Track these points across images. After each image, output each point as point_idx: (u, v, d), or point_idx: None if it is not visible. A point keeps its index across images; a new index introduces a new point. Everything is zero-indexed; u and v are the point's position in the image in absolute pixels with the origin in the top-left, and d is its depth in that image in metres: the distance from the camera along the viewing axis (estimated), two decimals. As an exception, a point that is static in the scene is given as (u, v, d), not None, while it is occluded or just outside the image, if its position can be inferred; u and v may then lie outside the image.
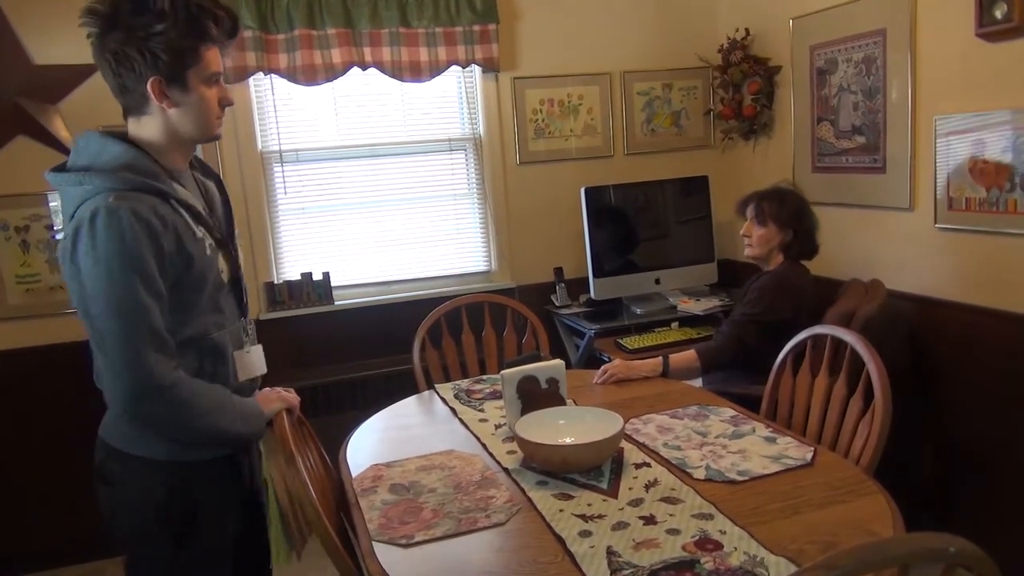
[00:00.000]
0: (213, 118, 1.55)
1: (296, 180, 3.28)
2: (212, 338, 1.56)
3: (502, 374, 2.05)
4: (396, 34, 3.16)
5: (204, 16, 1.48)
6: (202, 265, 1.52)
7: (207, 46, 1.50)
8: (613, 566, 1.38)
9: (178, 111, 1.51)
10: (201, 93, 1.51)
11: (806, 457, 1.77)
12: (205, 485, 1.58)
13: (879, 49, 2.74)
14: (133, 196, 1.42)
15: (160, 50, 1.44)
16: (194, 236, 1.52)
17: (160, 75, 1.46)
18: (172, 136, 1.54)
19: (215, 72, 1.53)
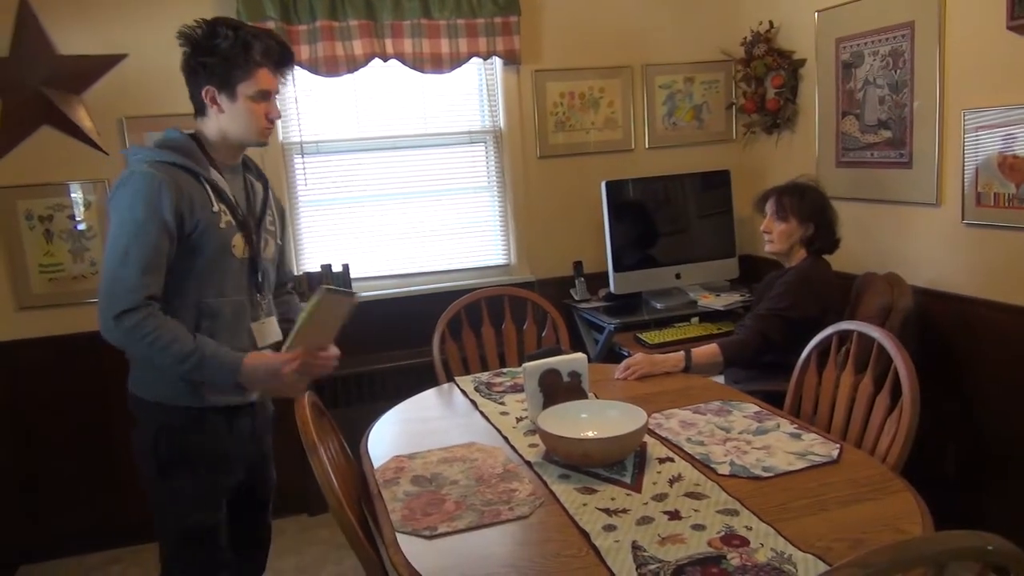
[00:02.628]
0: (257, 127, 1.86)
1: (316, 172, 3.29)
2: (208, 302, 1.81)
3: (524, 367, 2.05)
4: (418, 26, 3.15)
5: (256, 42, 1.80)
6: (210, 232, 1.78)
7: (257, 66, 1.81)
8: (639, 561, 1.37)
9: (226, 116, 1.84)
10: (246, 105, 1.82)
11: (832, 454, 1.75)
12: (195, 429, 1.83)
13: (907, 42, 2.71)
14: (163, 167, 1.75)
15: (215, 64, 1.79)
16: (211, 209, 1.79)
17: (213, 85, 1.81)
18: (222, 136, 1.86)
19: (262, 90, 1.83)
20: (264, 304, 1.94)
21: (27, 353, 2.99)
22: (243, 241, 1.87)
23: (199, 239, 1.77)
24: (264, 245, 1.94)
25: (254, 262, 1.90)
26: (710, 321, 3.20)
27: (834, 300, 2.47)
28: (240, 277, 1.88)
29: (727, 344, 2.42)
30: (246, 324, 1.89)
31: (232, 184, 1.90)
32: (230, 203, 1.85)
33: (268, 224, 1.98)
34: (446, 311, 2.82)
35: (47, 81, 2.91)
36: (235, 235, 1.85)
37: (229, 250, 1.83)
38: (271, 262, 1.99)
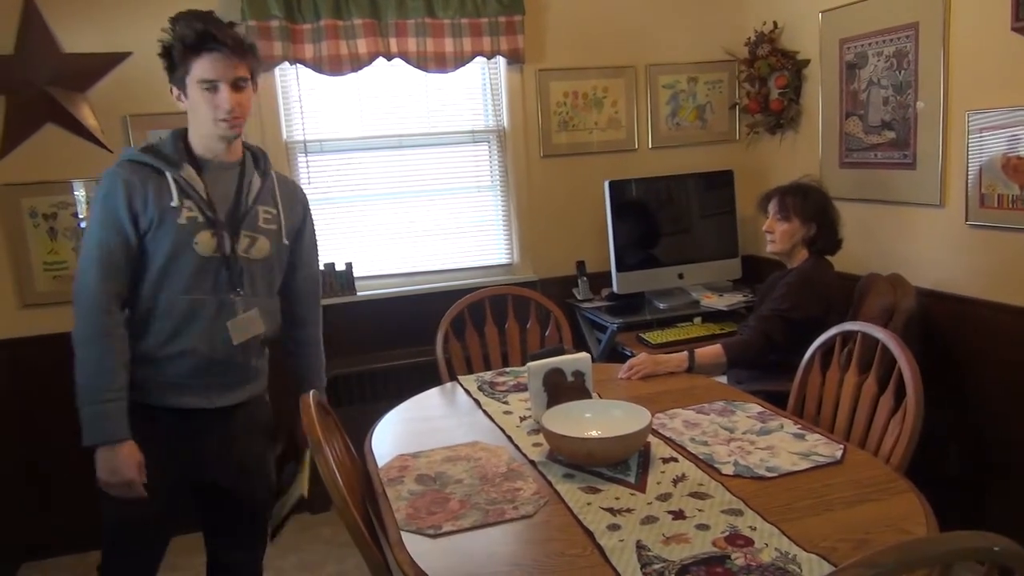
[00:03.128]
0: (211, 119, 1.79)
1: (320, 170, 3.29)
2: (164, 299, 1.81)
3: (528, 366, 2.05)
4: (422, 25, 3.15)
5: (187, 29, 1.75)
6: (166, 227, 1.78)
7: (186, 56, 1.76)
8: (643, 560, 1.37)
9: (190, 112, 1.83)
10: (196, 97, 1.79)
11: (836, 454, 1.75)
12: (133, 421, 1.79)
13: (911, 43, 2.71)
14: (128, 166, 1.80)
15: (167, 63, 1.80)
16: (171, 204, 1.79)
17: (173, 83, 1.82)
18: (194, 130, 1.86)
19: (202, 79, 1.77)
20: (238, 301, 1.86)
21: (31, 351, 2.99)
22: (210, 238, 1.81)
23: (156, 234, 1.78)
24: (251, 243, 1.88)
25: (228, 260, 1.84)
26: (713, 321, 3.21)
27: (837, 301, 2.47)
28: (206, 275, 1.83)
29: (731, 345, 2.42)
30: (214, 322, 1.84)
31: (219, 180, 1.86)
32: (199, 199, 1.81)
33: (263, 222, 1.91)
34: (449, 310, 2.82)
35: (51, 79, 2.91)
36: (200, 232, 1.81)
37: (190, 246, 1.80)
38: (265, 262, 1.92)
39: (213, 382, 1.89)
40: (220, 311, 1.85)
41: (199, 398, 1.88)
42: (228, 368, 1.90)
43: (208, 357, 1.86)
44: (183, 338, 1.83)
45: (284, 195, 1.99)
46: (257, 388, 2.01)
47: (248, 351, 1.92)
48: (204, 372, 1.87)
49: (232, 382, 1.92)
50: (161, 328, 1.83)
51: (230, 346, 1.87)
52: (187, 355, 1.84)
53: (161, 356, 1.84)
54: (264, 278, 1.94)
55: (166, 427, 1.87)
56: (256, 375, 1.99)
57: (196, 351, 1.84)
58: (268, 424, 2.08)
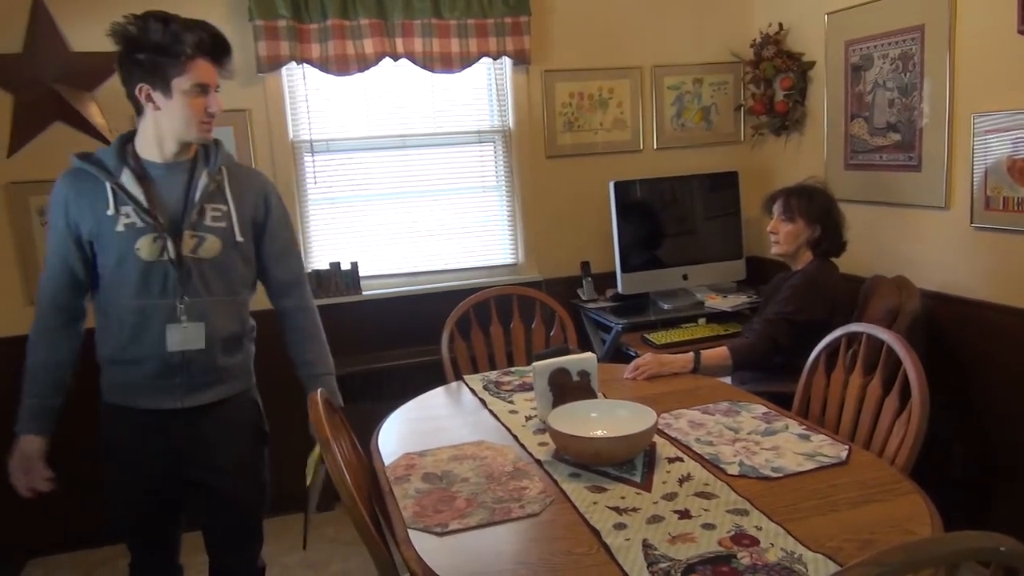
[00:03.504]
0: (195, 123, 1.82)
1: (326, 170, 3.30)
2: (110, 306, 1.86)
3: (534, 366, 2.06)
4: (428, 25, 3.16)
5: (188, 34, 1.76)
6: (105, 237, 1.82)
7: (189, 59, 1.76)
8: (649, 559, 1.38)
9: (163, 114, 1.81)
10: (182, 100, 1.79)
11: (841, 455, 1.76)
12: (114, 422, 1.94)
13: (917, 46, 2.71)
14: (71, 175, 1.85)
15: (147, 60, 1.75)
16: (106, 213, 1.81)
17: (147, 82, 1.78)
18: (159, 134, 1.84)
19: (198, 83, 1.79)
20: (187, 306, 1.85)
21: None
22: (152, 242, 1.81)
23: (100, 242, 1.83)
24: (198, 243, 1.86)
25: (178, 263, 1.84)
26: (717, 322, 3.21)
27: (841, 303, 2.48)
28: (151, 279, 1.83)
29: (736, 347, 2.43)
30: (153, 327, 1.84)
31: (166, 181, 1.86)
32: (139, 204, 1.81)
33: (210, 220, 1.88)
34: (455, 310, 2.83)
35: (60, 78, 2.92)
36: (141, 237, 1.81)
37: (133, 252, 1.81)
38: (217, 261, 1.90)
39: (179, 383, 1.89)
40: (167, 316, 1.85)
41: (168, 399, 1.89)
42: (192, 370, 1.89)
43: (166, 361, 1.86)
44: (139, 343, 1.85)
45: (236, 191, 1.93)
46: (234, 388, 1.99)
47: (211, 352, 1.90)
48: (168, 374, 1.87)
49: (200, 383, 1.91)
50: (120, 333, 1.86)
51: (183, 351, 1.86)
52: (147, 359, 1.86)
53: (125, 360, 1.88)
54: (219, 277, 1.91)
55: (142, 427, 1.90)
56: (229, 375, 1.97)
57: (154, 355, 1.85)
58: (253, 423, 2.06)
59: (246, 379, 2.04)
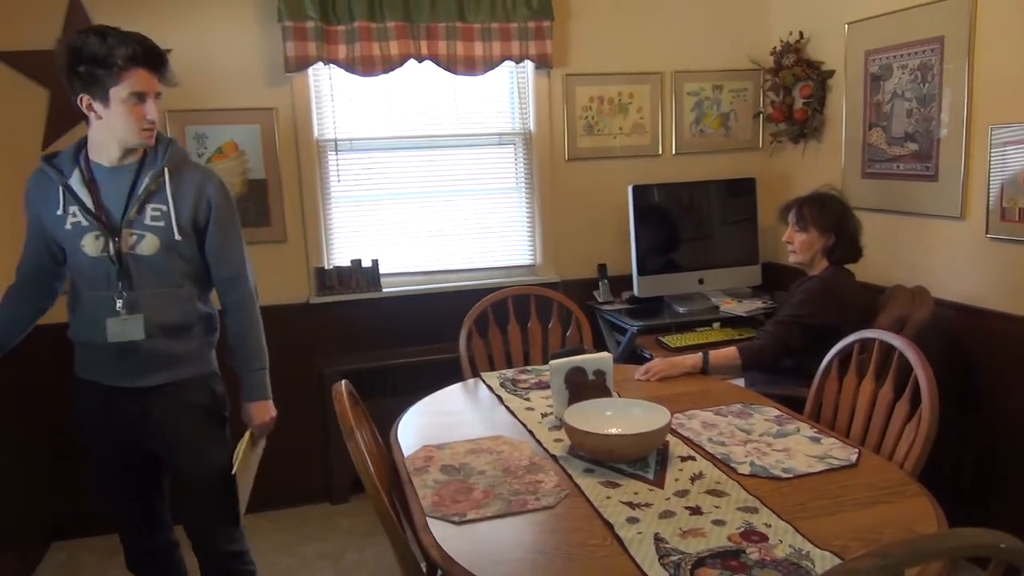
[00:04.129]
0: (135, 129, 1.92)
1: (349, 168, 3.36)
2: (75, 294, 2.03)
3: (551, 364, 2.11)
4: (453, 28, 3.22)
5: (121, 47, 1.86)
6: (57, 233, 1.99)
7: (122, 70, 1.86)
8: (660, 552, 1.42)
9: (104, 122, 1.91)
10: (120, 108, 1.88)
11: (851, 458, 1.79)
12: (81, 394, 2.08)
13: (936, 57, 2.74)
14: (35, 174, 2.03)
15: (85, 72, 1.85)
16: (55, 212, 1.97)
17: (87, 92, 1.88)
18: (102, 139, 1.95)
19: (134, 92, 1.88)
20: (126, 300, 1.96)
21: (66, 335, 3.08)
22: (95, 240, 1.95)
23: (56, 236, 2.00)
24: (136, 241, 1.96)
25: (118, 259, 1.94)
26: (731, 327, 3.25)
27: (854, 309, 2.50)
28: (95, 273, 1.97)
29: (745, 348, 2.47)
30: (101, 316, 1.96)
31: (112, 183, 1.97)
32: (83, 205, 1.95)
33: (149, 219, 1.97)
34: (473, 308, 2.88)
35: (94, 74, 3.00)
36: (85, 235, 1.95)
37: (79, 248, 1.96)
38: (155, 257, 1.98)
39: (131, 365, 2.01)
40: (106, 306, 1.97)
41: (119, 377, 2.03)
42: (139, 354, 2.00)
43: (114, 345, 1.98)
44: (90, 328, 2.00)
45: (177, 189, 2.00)
46: (185, 371, 2.07)
47: (154, 340, 2.00)
48: (121, 357, 2.00)
49: (149, 366, 2.02)
50: (82, 318, 2.03)
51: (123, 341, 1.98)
52: (96, 343, 1.99)
53: (82, 340, 2.05)
54: (157, 273, 2.00)
55: (99, 399, 2.06)
56: (180, 359, 2.06)
57: (98, 340, 1.98)
58: (208, 405, 2.13)
59: (201, 365, 2.11)
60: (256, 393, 2.12)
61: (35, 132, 3.01)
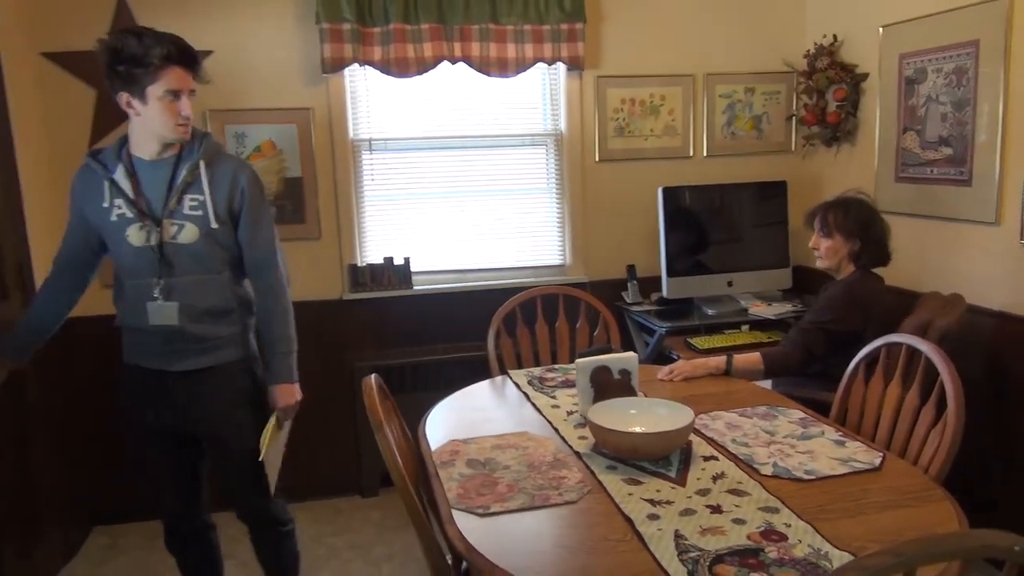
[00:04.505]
0: (171, 125, 2.03)
1: (383, 168, 3.43)
2: (119, 282, 2.15)
3: (577, 363, 2.14)
4: (486, 30, 3.26)
5: (157, 47, 1.96)
6: (103, 225, 2.09)
7: (159, 69, 1.97)
8: (680, 548, 1.45)
9: (142, 118, 2.03)
10: (157, 105, 2.00)
11: (874, 462, 1.80)
12: (130, 377, 2.20)
13: (971, 60, 2.71)
14: (80, 171, 2.14)
15: (124, 71, 1.97)
16: (102, 205, 2.08)
17: (126, 90, 2.00)
18: (141, 135, 2.07)
19: (169, 89, 1.99)
20: (157, 288, 2.07)
21: (111, 326, 3.18)
22: (139, 230, 2.06)
23: (102, 229, 2.11)
24: (178, 230, 2.07)
25: (160, 248, 2.07)
26: (760, 329, 3.25)
27: (878, 314, 2.48)
28: (139, 262, 2.08)
29: (770, 355, 2.47)
30: (143, 304, 2.09)
31: (152, 176, 2.08)
32: (128, 198, 2.06)
33: (188, 209, 2.08)
34: (502, 307, 2.92)
35: (139, 74, 3.10)
36: (130, 226, 2.07)
37: (124, 239, 2.07)
38: (195, 245, 2.08)
39: (172, 349, 2.12)
40: (147, 293, 2.08)
41: (162, 361, 2.14)
42: (181, 339, 2.11)
43: (159, 331, 2.10)
44: (134, 315, 2.12)
45: (213, 180, 2.11)
46: (228, 355, 2.18)
47: (197, 324, 2.11)
48: (165, 342, 2.11)
49: (190, 351, 2.13)
50: (127, 306, 2.14)
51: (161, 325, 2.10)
52: (143, 328, 2.11)
53: (128, 326, 2.17)
54: (198, 260, 2.11)
55: (146, 383, 2.17)
56: (219, 343, 2.16)
57: (143, 326, 2.11)
58: (249, 389, 2.23)
59: (242, 349, 2.22)
60: (281, 376, 2.19)
61: (83, 129, 3.12)
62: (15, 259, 2.77)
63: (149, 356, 2.15)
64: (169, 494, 2.27)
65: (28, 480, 2.75)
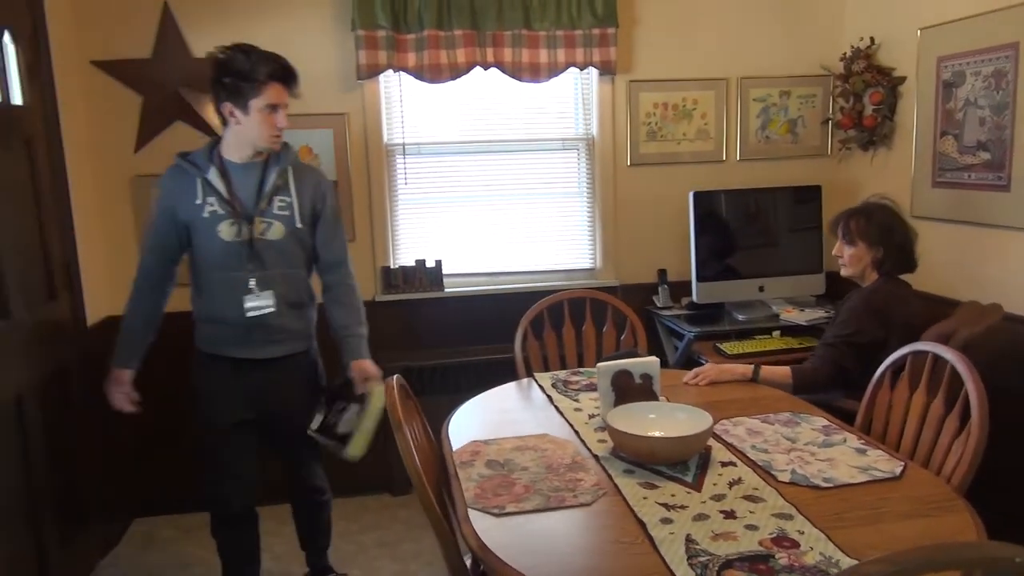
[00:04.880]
0: (268, 135, 2.26)
1: (416, 172, 3.48)
2: (203, 275, 2.33)
3: (598, 366, 2.15)
4: (519, 36, 3.29)
5: (263, 65, 2.20)
6: (195, 221, 2.28)
7: (263, 84, 2.19)
8: (690, 552, 1.46)
9: (242, 127, 2.25)
10: (257, 116, 2.22)
11: (895, 471, 1.78)
12: (207, 365, 2.41)
13: (1011, 63, 2.66)
14: (171, 171, 2.34)
15: (231, 84, 2.19)
16: (195, 202, 2.27)
17: (230, 101, 2.22)
18: (238, 142, 2.29)
19: (270, 103, 2.22)
20: (252, 280, 2.29)
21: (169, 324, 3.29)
22: (230, 226, 2.27)
23: (192, 224, 2.29)
24: (266, 228, 2.30)
25: (249, 244, 2.28)
26: (792, 335, 3.21)
27: (899, 322, 2.42)
28: (230, 256, 2.28)
29: (800, 371, 2.43)
30: (234, 294, 2.29)
31: (243, 177, 2.31)
32: (220, 196, 2.27)
33: (276, 209, 2.32)
34: (530, 310, 2.95)
35: (182, 81, 3.21)
36: (222, 222, 2.27)
37: (215, 234, 2.27)
38: (281, 242, 2.32)
39: (252, 339, 2.34)
40: (239, 284, 2.29)
41: (245, 350, 2.36)
42: (266, 328, 2.34)
43: (245, 321, 2.30)
44: (221, 306, 2.32)
45: (299, 185, 2.36)
46: (299, 345, 2.45)
47: (278, 315, 2.33)
48: (247, 330, 2.33)
49: (271, 339, 2.37)
50: (210, 299, 2.34)
51: (243, 314, 2.29)
52: (228, 319, 2.32)
53: (214, 318, 2.35)
54: (283, 255, 2.34)
55: (227, 370, 2.38)
56: (296, 334, 2.42)
57: (232, 317, 2.31)
58: (310, 375, 2.51)
59: (307, 341, 2.49)
60: (361, 354, 2.44)
61: (130, 133, 3.23)
62: (63, 260, 2.89)
63: (229, 346, 2.35)
64: (231, 477, 2.44)
65: (72, 473, 2.86)
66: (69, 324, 2.93)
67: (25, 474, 2.51)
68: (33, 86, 2.75)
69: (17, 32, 2.64)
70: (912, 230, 2.57)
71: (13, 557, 2.40)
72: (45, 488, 2.62)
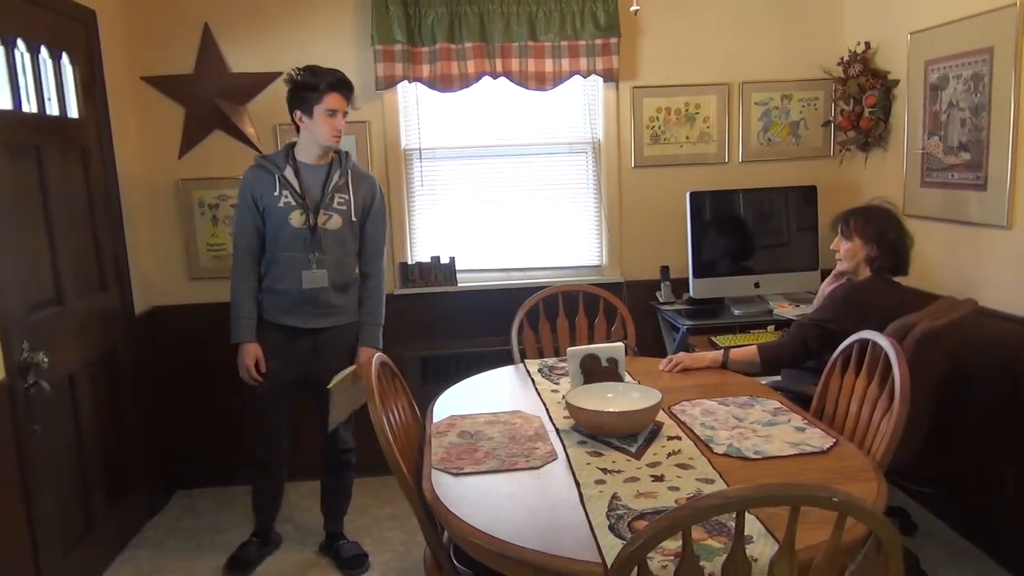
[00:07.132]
0: (328, 136, 2.76)
1: (432, 174, 3.74)
2: (273, 254, 2.82)
3: (568, 350, 2.37)
4: (525, 47, 3.52)
5: (323, 78, 2.72)
6: (271, 209, 2.77)
7: (323, 93, 2.71)
8: (612, 507, 1.67)
9: (308, 131, 2.78)
10: (320, 120, 2.74)
11: (824, 446, 1.94)
12: (268, 331, 2.87)
13: (986, 67, 2.75)
14: (253, 169, 2.85)
15: (300, 95, 2.74)
16: (273, 194, 2.77)
17: (299, 109, 2.76)
18: (306, 143, 2.83)
19: (329, 108, 2.73)
20: (312, 259, 2.78)
21: (196, 315, 3.63)
22: (300, 215, 2.76)
23: (266, 213, 2.80)
24: (327, 219, 2.79)
25: (312, 231, 2.77)
26: (785, 329, 3.34)
27: (876, 317, 2.53)
28: (297, 239, 2.77)
29: (765, 347, 2.61)
30: (298, 271, 2.78)
31: (311, 176, 2.82)
32: (293, 190, 2.77)
33: (336, 204, 2.82)
34: (525, 303, 3.18)
35: (221, 94, 3.54)
36: (293, 211, 2.77)
37: (287, 221, 2.77)
38: (338, 232, 2.81)
39: (306, 311, 2.83)
40: (302, 263, 2.77)
41: (297, 320, 2.84)
42: (315, 302, 2.82)
43: (301, 295, 2.79)
44: (284, 280, 2.80)
45: (355, 186, 2.87)
46: (342, 319, 2.90)
47: (328, 292, 2.82)
48: (302, 304, 2.81)
49: (320, 312, 2.84)
50: (275, 273, 2.82)
51: (312, 288, 2.78)
52: (288, 292, 2.80)
53: (276, 290, 2.83)
54: (338, 243, 2.84)
55: (280, 337, 2.86)
56: (340, 310, 2.88)
57: (293, 290, 2.79)
58: (351, 346, 2.95)
59: (351, 315, 2.95)
60: (372, 341, 2.92)
61: (173, 142, 3.58)
62: (113, 255, 3.25)
63: (286, 315, 2.83)
64: (275, 428, 2.92)
65: (121, 445, 3.21)
66: (118, 313, 3.29)
67: (77, 443, 2.86)
68: (88, 101, 3.11)
69: (74, 54, 3.01)
70: (909, 235, 2.67)
71: (65, 511, 2.74)
72: (94, 459, 2.98)
